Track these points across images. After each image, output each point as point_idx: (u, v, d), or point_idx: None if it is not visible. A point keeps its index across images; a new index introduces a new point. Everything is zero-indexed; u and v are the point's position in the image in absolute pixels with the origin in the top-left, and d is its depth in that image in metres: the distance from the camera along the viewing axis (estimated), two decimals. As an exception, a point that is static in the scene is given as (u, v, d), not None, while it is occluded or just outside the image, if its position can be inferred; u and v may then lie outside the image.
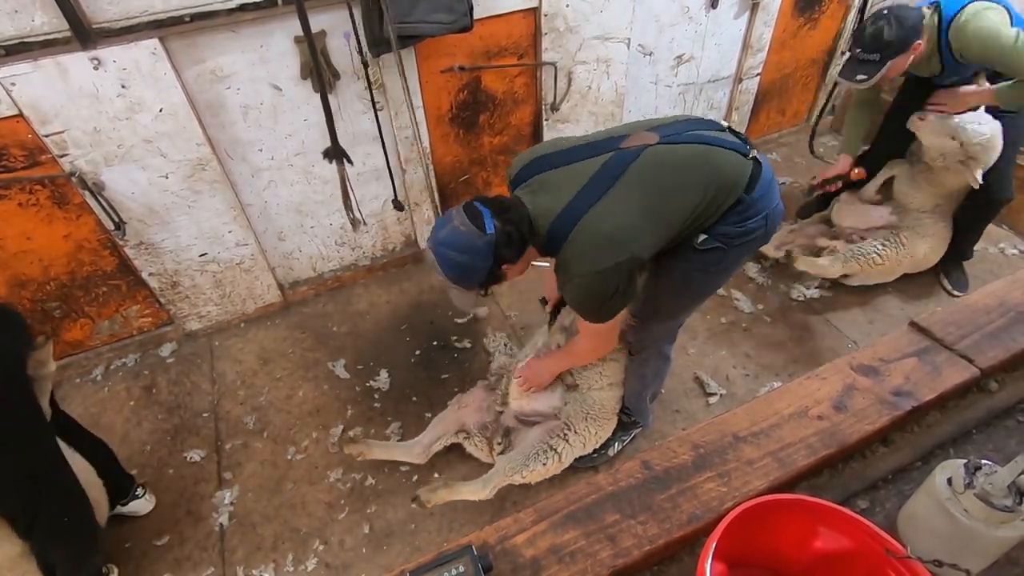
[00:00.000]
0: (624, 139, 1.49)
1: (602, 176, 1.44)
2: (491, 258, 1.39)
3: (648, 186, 1.43)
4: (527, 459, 1.97)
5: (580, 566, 0.82)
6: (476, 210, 1.39)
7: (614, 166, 1.44)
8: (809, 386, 1.04)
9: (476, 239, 1.37)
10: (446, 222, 1.41)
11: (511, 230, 1.40)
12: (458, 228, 1.38)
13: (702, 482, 0.91)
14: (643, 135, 1.50)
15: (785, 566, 0.84)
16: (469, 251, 1.38)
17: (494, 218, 1.39)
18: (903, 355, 1.08)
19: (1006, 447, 0.98)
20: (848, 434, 0.96)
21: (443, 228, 1.41)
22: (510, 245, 1.41)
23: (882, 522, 0.89)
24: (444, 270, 1.42)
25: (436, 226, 1.44)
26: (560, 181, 1.48)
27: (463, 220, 1.39)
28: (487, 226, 1.37)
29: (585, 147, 1.52)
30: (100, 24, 1.93)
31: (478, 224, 1.37)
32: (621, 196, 1.41)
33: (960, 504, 0.74)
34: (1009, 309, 1.14)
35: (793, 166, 3.83)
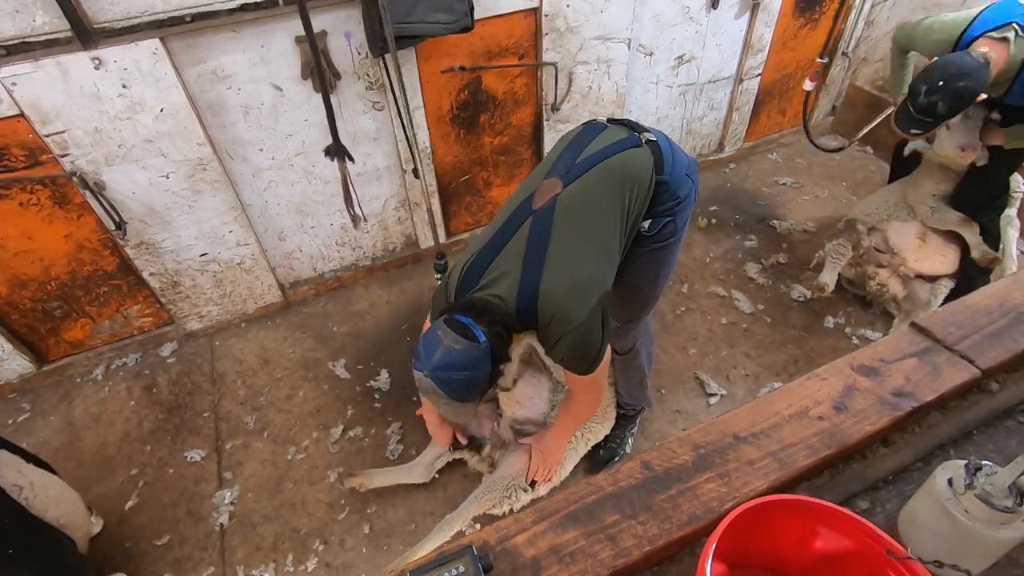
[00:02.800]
0: (532, 198, 1.51)
1: (534, 243, 1.45)
2: (490, 365, 1.37)
3: (577, 228, 1.46)
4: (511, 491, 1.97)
5: (580, 566, 0.82)
6: (461, 324, 1.35)
7: (539, 230, 1.46)
8: (809, 386, 1.04)
9: (474, 352, 1.33)
10: (435, 345, 1.34)
11: (499, 331, 1.39)
12: (453, 348, 1.32)
13: (702, 482, 0.91)
14: (546, 185, 1.52)
15: (785, 567, 0.84)
16: (471, 366, 1.34)
17: (480, 325, 1.36)
18: (903, 355, 1.08)
19: (1007, 448, 0.98)
20: (848, 435, 0.95)
21: (434, 352, 1.34)
22: (502, 345, 1.40)
23: (882, 523, 0.89)
24: (451, 394, 1.36)
25: (424, 351, 1.36)
26: (501, 268, 1.48)
27: (454, 339, 1.33)
28: (478, 336, 1.34)
29: (504, 228, 1.52)
30: (101, 24, 1.93)
31: (469, 337, 1.33)
32: (561, 249, 1.44)
33: (961, 505, 0.74)
34: (1010, 309, 1.14)
35: (793, 166, 3.84)
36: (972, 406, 1.03)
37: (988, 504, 0.71)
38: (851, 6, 3.47)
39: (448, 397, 1.37)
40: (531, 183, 1.58)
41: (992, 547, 0.75)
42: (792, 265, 3.10)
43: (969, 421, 1.00)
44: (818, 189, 3.61)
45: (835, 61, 3.74)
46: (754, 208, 3.49)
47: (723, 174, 3.78)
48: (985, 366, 1.04)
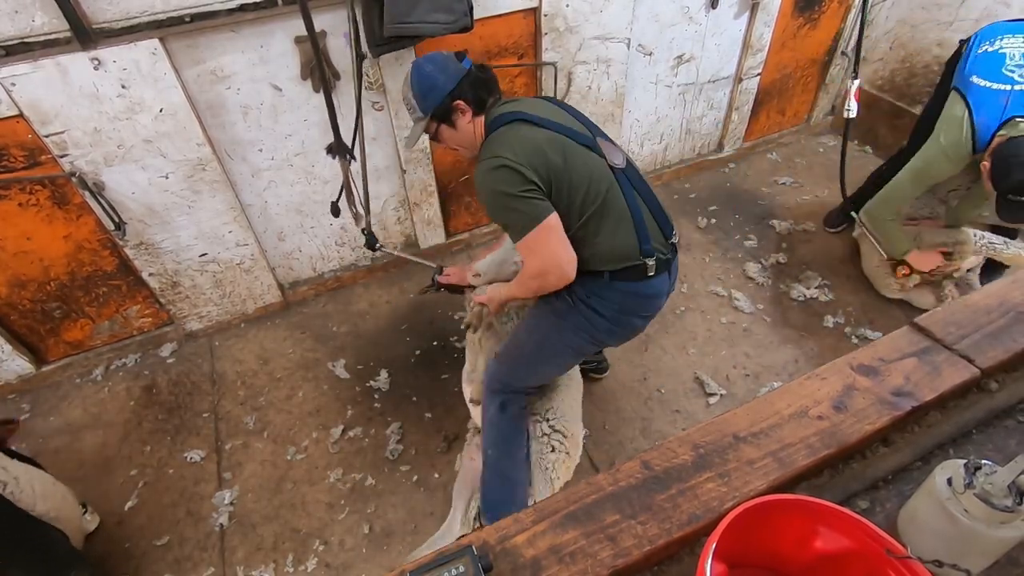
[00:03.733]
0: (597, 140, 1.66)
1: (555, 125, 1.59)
2: (453, 83, 1.59)
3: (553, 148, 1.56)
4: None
5: (580, 566, 0.82)
6: (463, 53, 1.65)
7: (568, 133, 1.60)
8: (809, 386, 1.04)
9: (452, 62, 1.61)
10: (436, 53, 1.65)
11: (479, 82, 1.63)
12: (441, 53, 1.64)
13: (702, 482, 0.91)
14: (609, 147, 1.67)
15: (785, 566, 0.84)
16: (440, 67, 1.59)
17: (477, 67, 1.64)
18: (903, 355, 1.08)
19: (1006, 447, 0.98)
20: (848, 434, 0.95)
21: (431, 54, 1.64)
22: (474, 89, 1.62)
23: (882, 522, 0.89)
24: (411, 79, 1.61)
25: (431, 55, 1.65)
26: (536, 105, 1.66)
27: (450, 54, 1.64)
28: (465, 61, 1.63)
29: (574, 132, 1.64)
30: (100, 24, 1.93)
31: (459, 57, 1.63)
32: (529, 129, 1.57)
33: (960, 504, 0.74)
34: (1009, 309, 1.14)
35: (793, 166, 3.84)
36: (971, 405, 1.03)
37: (988, 503, 0.71)
38: (851, 5, 3.48)
39: (408, 85, 1.63)
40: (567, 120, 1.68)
41: (992, 546, 0.75)
42: (792, 265, 3.10)
43: (968, 420, 1.00)
44: (818, 189, 3.61)
45: (835, 61, 3.74)
46: (754, 208, 3.49)
47: (723, 174, 3.78)
48: (985, 365, 1.04)
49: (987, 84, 2.17)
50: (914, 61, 3.53)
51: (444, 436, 2.40)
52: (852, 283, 2.98)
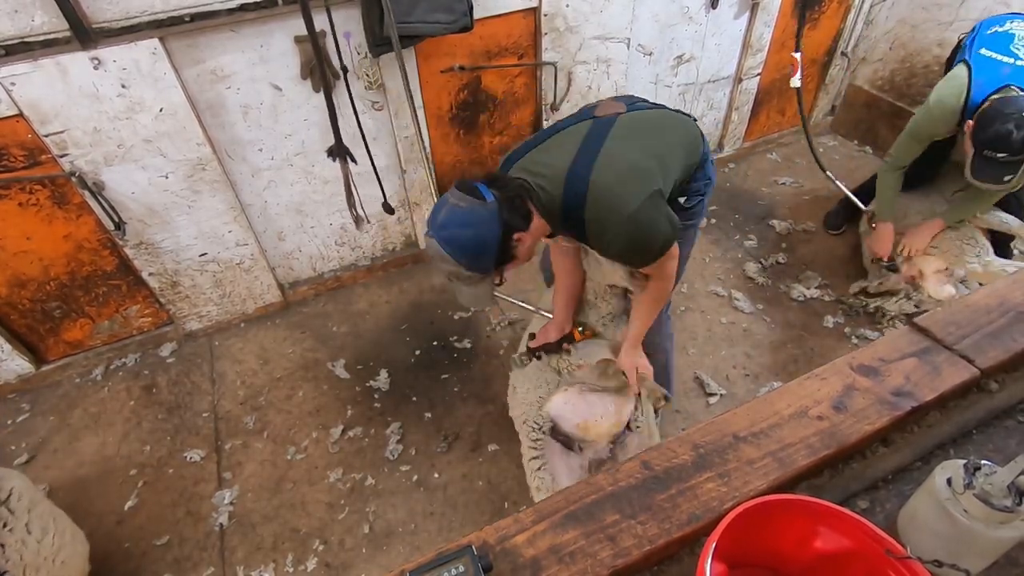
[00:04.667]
0: (594, 109, 1.54)
1: (592, 137, 1.44)
2: (499, 226, 1.31)
3: (639, 136, 1.47)
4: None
5: (580, 566, 0.81)
6: (469, 185, 1.32)
7: (597, 129, 1.46)
8: (809, 386, 1.04)
9: (479, 208, 1.28)
10: (440, 207, 1.33)
11: (511, 195, 1.35)
12: (457, 205, 1.29)
13: (702, 482, 0.91)
14: (610, 103, 1.56)
15: (785, 566, 0.84)
16: (475, 223, 1.28)
17: (491, 188, 1.32)
18: (903, 355, 1.08)
19: (1006, 447, 0.98)
20: (848, 434, 0.95)
21: (439, 213, 1.32)
22: (515, 210, 1.35)
23: (882, 522, 0.89)
24: (454, 255, 1.30)
25: (431, 216, 1.34)
26: (552, 151, 1.45)
27: (459, 196, 1.30)
28: (485, 195, 1.30)
29: (558, 123, 1.54)
30: (100, 24, 1.93)
31: (476, 195, 1.30)
32: (619, 146, 1.42)
33: (960, 504, 0.74)
34: (1009, 309, 1.14)
35: (793, 166, 3.84)
36: (971, 406, 1.03)
37: (987, 503, 0.71)
38: (851, 5, 3.48)
39: (454, 260, 1.31)
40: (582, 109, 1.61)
41: (991, 546, 0.75)
42: (792, 265, 3.10)
43: (968, 421, 1.00)
44: (818, 189, 3.61)
45: (835, 61, 3.74)
46: (754, 208, 3.49)
47: (723, 174, 3.78)
48: (984, 366, 1.04)
49: (993, 55, 2.21)
50: (914, 61, 3.53)
51: (444, 436, 2.40)
52: (852, 283, 2.98)
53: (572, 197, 1.38)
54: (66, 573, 1.67)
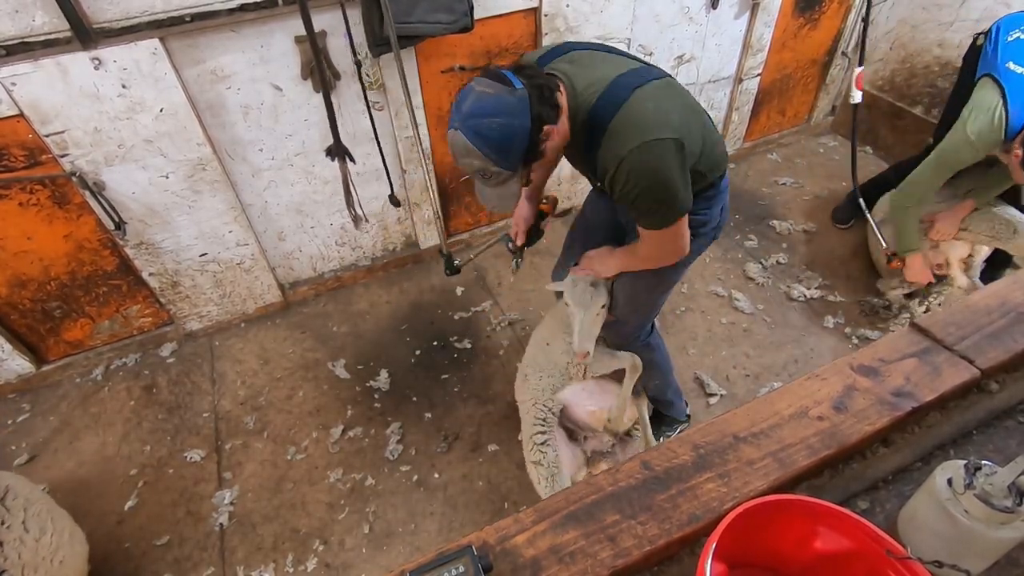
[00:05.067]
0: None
1: (639, 72, 1.35)
2: (528, 116, 1.21)
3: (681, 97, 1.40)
4: None
5: (580, 566, 0.81)
6: (496, 72, 1.23)
7: (645, 70, 1.37)
8: (809, 386, 1.04)
9: (508, 96, 1.19)
10: (465, 95, 1.22)
11: (540, 83, 1.25)
12: (485, 92, 1.19)
13: (702, 482, 0.91)
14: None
15: (785, 567, 0.84)
16: (504, 111, 1.19)
17: (519, 76, 1.23)
18: (903, 355, 1.08)
19: (1006, 448, 0.98)
20: (848, 435, 0.95)
21: (465, 101, 1.21)
22: (544, 101, 1.24)
23: (882, 523, 0.89)
24: (481, 147, 1.21)
25: (455, 106, 1.23)
26: (596, 60, 1.36)
27: (486, 83, 1.20)
28: (514, 82, 1.21)
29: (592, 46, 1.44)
30: (101, 24, 1.93)
31: (504, 82, 1.20)
32: (662, 90, 1.34)
33: (960, 505, 0.74)
34: (1010, 309, 1.14)
35: (793, 166, 3.84)
36: (972, 406, 1.03)
37: (988, 504, 0.71)
38: (851, 5, 3.48)
39: (481, 154, 1.22)
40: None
41: (992, 547, 0.75)
42: (792, 265, 3.10)
43: (969, 421, 1.00)
44: (818, 189, 3.61)
45: (835, 61, 3.74)
46: (754, 208, 3.49)
47: (723, 174, 3.78)
48: (985, 366, 1.04)
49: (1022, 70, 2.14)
50: (914, 61, 3.53)
51: (444, 436, 2.40)
52: (852, 283, 2.98)
53: (607, 103, 1.28)
54: (64, 572, 1.66)
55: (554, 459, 1.89)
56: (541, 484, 1.91)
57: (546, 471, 1.88)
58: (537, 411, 1.96)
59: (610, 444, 2.08)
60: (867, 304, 2.84)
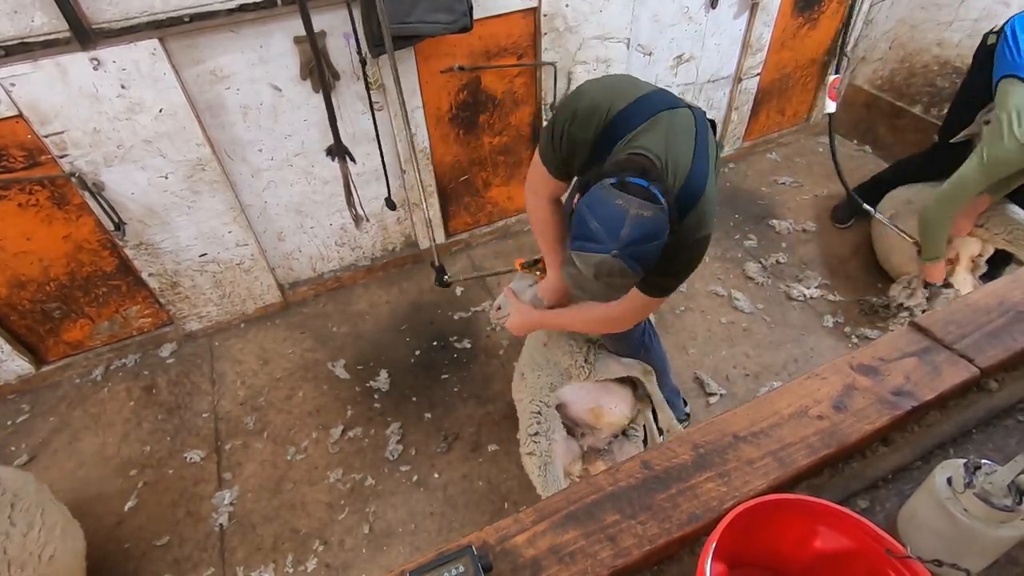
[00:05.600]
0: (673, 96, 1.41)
1: (702, 136, 1.33)
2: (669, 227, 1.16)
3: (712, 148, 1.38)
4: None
5: (580, 566, 0.81)
6: (639, 187, 1.12)
7: (703, 127, 1.34)
8: (809, 386, 1.04)
9: (662, 216, 1.13)
10: (619, 217, 1.10)
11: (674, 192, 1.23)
12: (642, 215, 1.10)
13: (702, 482, 0.91)
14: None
15: (785, 566, 0.84)
16: (661, 232, 1.14)
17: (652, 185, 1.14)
18: (903, 355, 1.08)
19: (1006, 447, 0.98)
20: (848, 434, 0.95)
21: (621, 226, 1.10)
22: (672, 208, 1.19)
23: (882, 522, 0.89)
24: (639, 269, 1.14)
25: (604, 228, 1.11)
26: (676, 134, 1.29)
27: (640, 204, 1.10)
28: (659, 197, 1.14)
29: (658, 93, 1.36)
30: (100, 24, 1.93)
31: (653, 200, 1.12)
32: (714, 161, 1.36)
33: (960, 504, 0.74)
34: (1009, 308, 1.14)
35: (793, 166, 3.84)
36: (971, 405, 1.03)
37: (987, 503, 0.71)
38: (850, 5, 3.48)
39: (633, 275, 1.15)
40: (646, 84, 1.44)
41: (991, 546, 0.75)
42: (792, 265, 3.10)
43: (968, 420, 1.00)
44: (817, 188, 3.61)
45: (834, 61, 3.74)
46: (753, 208, 3.49)
47: (722, 173, 3.78)
48: (984, 365, 1.04)
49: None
50: (913, 61, 3.53)
51: (444, 436, 2.40)
52: (852, 282, 2.99)
53: (683, 201, 1.28)
54: (54, 570, 1.60)
55: (547, 448, 1.90)
56: (534, 475, 1.92)
57: (539, 460, 1.89)
58: (533, 407, 1.96)
59: (607, 442, 2.08)
60: (866, 303, 2.84)
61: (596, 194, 1.15)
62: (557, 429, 1.96)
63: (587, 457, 2.07)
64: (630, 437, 2.10)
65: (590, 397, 2.01)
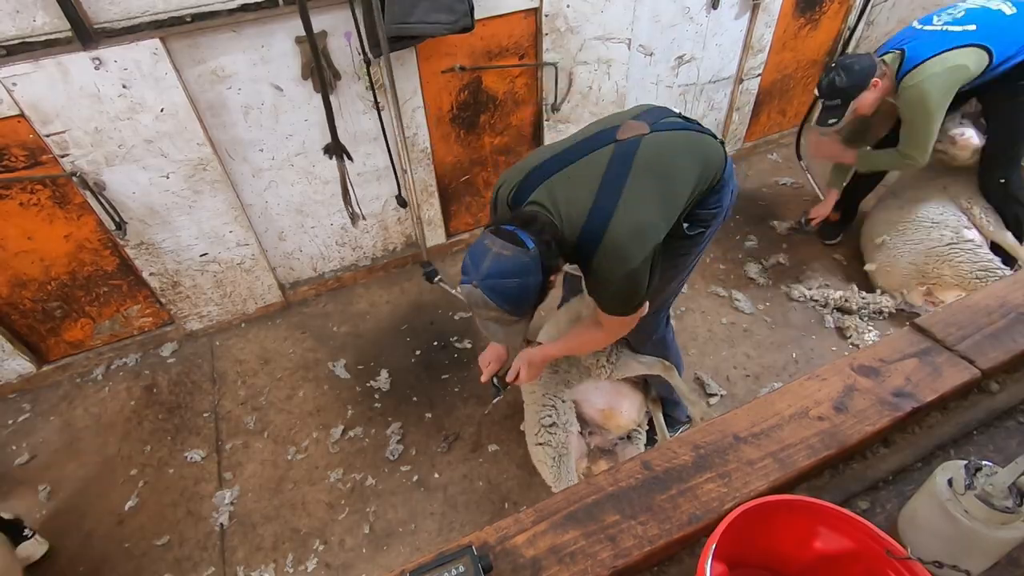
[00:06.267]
0: (616, 130, 1.49)
1: (613, 171, 1.42)
2: (540, 273, 1.33)
3: (657, 175, 1.45)
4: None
5: (580, 566, 0.81)
6: (508, 232, 1.32)
7: (620, 159, 1.43)
8: (809, 387, 1.04)
9: (523, 257, 1.29)
10: (483, 253, 1.31)
11: (548, 238, 1.35)
12: (502, 254, 1.29)
13: (702, 483, 0.91)
14: (632, 124, 1.50)
15: (785, 567, 0.84)
16: (521, 272, 1.30)
17: (527, 232, 1.32)
18: (904, 356, 1.07)
19: (1007, 448, 0.98)
20: (848, 435, 0.95)
21: (482, 261, 1.30)
22: (551, 254, 1.35)
23: (883, 523, 0.89)
24: (500, 303, 1.31)
25: (471, 261, 1.33)
26: (574, 182, 1.44)
27: (502, 245, 1.30)
28: (527, 242, 1.31)
29: (583, 143, 1.50)
30: (101, 24, 1.93)
31: (517, 243, 1.30)
32: (638, 190, 1.41)
33: (960, 505, 0.74)
34: (1010, 310, 1.14)
35: (794, 167, 3.83)
36: (972, 406, 1.03)
37: (988, 504, 0.71)
38: (851, 6, 3.48)
39: (498, 308, 1.32)
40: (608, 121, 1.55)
41: (992, 547, 0.75)
42: (792, 266, 3.10)
43: (969, 421, 1.00)
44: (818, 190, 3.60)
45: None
46: (754, 208, 3.49)
47: (723, 174, 3.78)
48: (985, 366, 1.04)
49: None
50: (915, 62, 3.52)
51: (444, 436, 2.40)
52: (852, 283, 2.98)
53: (587, 242, 1.41)
54: None
55: (563, 440, 1.92)
56: (548, 464, 1.93)
57: (553, 451, 1.91)
58: (547, 400, 1.97)
59: (613, 443, 2.09)
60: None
61: (478, 239, 1.36)
62: (573, 422, 1.97)
63: (591, 455, 2.08)
64: (633, 440, 2.10)
65: (604, 398, 2.02)
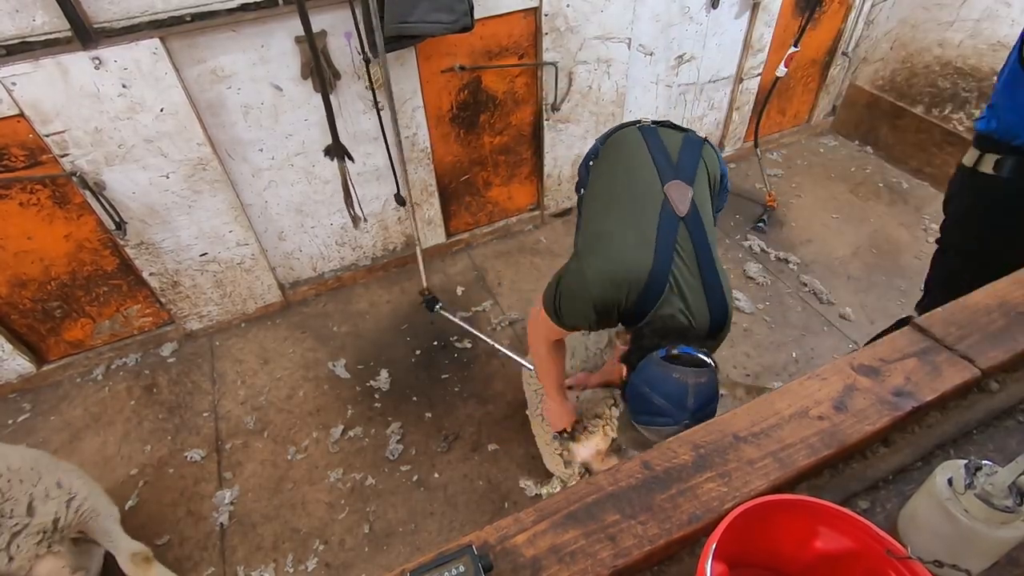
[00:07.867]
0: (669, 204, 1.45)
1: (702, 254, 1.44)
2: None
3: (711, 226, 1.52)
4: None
5: (580, 566, 0.81)
6: (687, 355, 1.27)
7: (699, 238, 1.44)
8: (809, 386, 1.04)
9: (713, 373, 1.28)
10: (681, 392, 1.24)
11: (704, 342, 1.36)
12: (699, 383, 1.25)
13: (702, 482, 0.90)
14: (676, 187, 1.47)
15: (785, 566, 0.84)
16: (717, 388, 1.29)
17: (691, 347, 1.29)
18: (903, 355, 1.07)
19: (1007, 447, 0.98)
20: (848, 434, 0.95)
21: (686, 398, 1.24)
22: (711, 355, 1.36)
23: (883, 522, 0.89)
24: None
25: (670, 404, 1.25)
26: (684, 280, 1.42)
27: (697, 373, 1.25)
28: (706, 359, 1.28)
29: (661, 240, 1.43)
30: (101, 24, 1.93)
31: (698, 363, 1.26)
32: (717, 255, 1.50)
33: (961, 504, 0.74)
34: (1010, 309, 1.14)
35: (793, 167, 3.83)
36: (972, 406, 1.03)
37: (988, 504, 0.71)
38: (851, 5, 3.48)
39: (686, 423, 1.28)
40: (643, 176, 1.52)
41: (992, 547, 0.75)
42: (792, 265, 3.09)
43: (969, 421, 1.00)
44: (818, 189, 3.61)
45: (835, 61, 3.74)
46: (754, 208, 3.49)
47: (723, 174, 3.78)
48: (985, 366, 1.04)
49: None
50: (915, 61, 3.53)
51: (444, 436, 2.40)
52: (852, 283, 2.98)
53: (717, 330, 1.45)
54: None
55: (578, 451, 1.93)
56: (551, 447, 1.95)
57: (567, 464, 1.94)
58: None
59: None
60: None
61: (652, 372, 1.26)
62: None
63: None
64: None
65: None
